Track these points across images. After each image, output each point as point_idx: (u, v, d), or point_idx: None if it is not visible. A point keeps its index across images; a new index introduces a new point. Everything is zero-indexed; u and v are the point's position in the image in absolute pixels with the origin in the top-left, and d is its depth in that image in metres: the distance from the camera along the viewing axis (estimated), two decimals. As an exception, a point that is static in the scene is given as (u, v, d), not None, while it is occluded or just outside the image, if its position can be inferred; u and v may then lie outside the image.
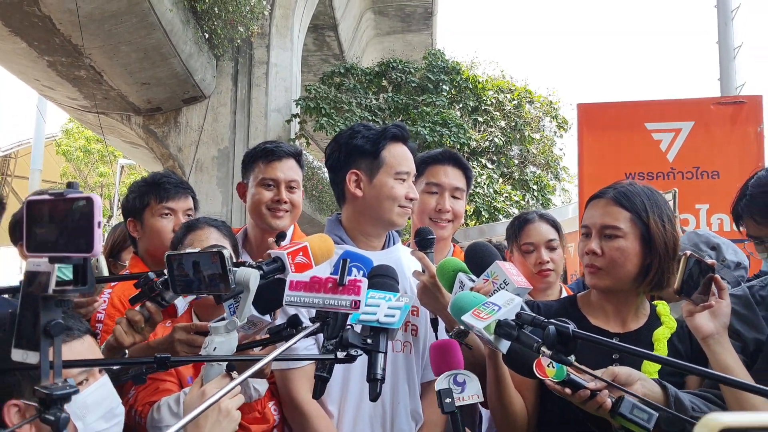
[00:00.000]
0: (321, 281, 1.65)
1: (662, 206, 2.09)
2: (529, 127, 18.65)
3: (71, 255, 1.17)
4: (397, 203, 2.38)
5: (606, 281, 2.07)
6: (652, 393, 1.80)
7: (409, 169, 2.43)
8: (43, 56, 12.16)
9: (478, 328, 1.56)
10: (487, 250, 2.13)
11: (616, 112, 4.71)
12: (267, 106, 15.98)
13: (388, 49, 23.14)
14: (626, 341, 2.03)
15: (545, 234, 3.12)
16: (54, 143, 28.02)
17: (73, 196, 1.17)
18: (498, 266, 2.00)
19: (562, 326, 1.47)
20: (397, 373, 2.37)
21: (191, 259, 1.52)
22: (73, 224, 1.16)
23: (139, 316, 1.95)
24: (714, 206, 4.34)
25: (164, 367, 1.49)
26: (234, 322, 1.61)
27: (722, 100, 4.54)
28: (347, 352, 1.55)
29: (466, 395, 1.79)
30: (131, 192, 3.02)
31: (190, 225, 2.54)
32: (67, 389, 1.18)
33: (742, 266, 2.76)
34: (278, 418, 2.38)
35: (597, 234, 2.07)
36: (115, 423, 1.63)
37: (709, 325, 1.88)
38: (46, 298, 1.18)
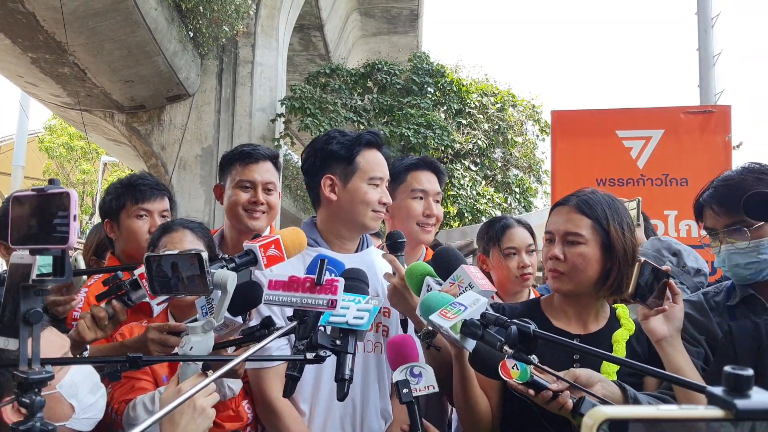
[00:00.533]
0: (299, 281, 1.69)
1: (622, 214, 2.18)
2: (512, 130, 18.76)
3: (50, 247, 1.25)
4: (370, 208, 2.45)
5: (568, 285, 2.16)
6: (611, 394, 1.87)
7: (382, 174, 2.50)
8: (27, 53, 12.08)
9: (445, 328, 1.63)
10: (453, 254, 2.20)
11: (588, 120, 4.80)
12: (252, 106, 15.93)
13: (374, 50, 23.17)
14: (587, 342, 2.11)
15: (526, 239, 3.24)
16: (37, 139, 27.81)
17: (53, 191, 1.25)
18: (463, 270, 2.07)
19: (524, 326, 1.54)
20: (368, 373, 2.44)
21: (170, 260, 1.56)
22: (52, 218, 1.24)
23: (104, 313, 2.00)
24: (682, 212, 4.44)
25: (136, 367, 1.53)
26: (211, 322, 1.66)
27: (692, 109, 4.62)
28: (316, 353, 1.60)
29: (422, 386, 1.86)
30: (108, 194, 3.06)
31: (165, 227, 2.59)
32: (43, 374, 1.25)
33: (702, 273, 2.86)
34: (251, 416, 2.43)
35: (560, 240, 2.16)
36: (100, 395, 1.76)
37: (663, 328, 1.97)
38: (26, 287, 1.26)
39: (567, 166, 4.66)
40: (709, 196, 2.30)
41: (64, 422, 1.65)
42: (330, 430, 2.37)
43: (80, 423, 1.71)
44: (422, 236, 2.92)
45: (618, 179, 4.55)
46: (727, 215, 2.23)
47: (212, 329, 1.67)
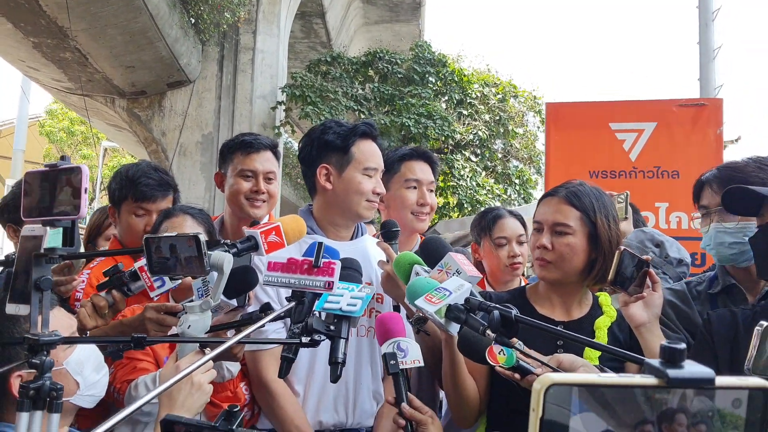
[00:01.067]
0: (297, 262, 1.75)
1: (608, 207, 2.25)
2: (512, 121, 18.75)
3: (61, 218, 1.34)
4: (364, 197, 2.52)
5: (554, 274, 2.23)
6: None
7: (376, 165, 2.56)
8: (29, 37, 12.09)
9: (430, 312, 1.68)
10: (439, 243, 2.27)
11: (583, 112, 4.83)
12: (252, 93, 15.90)
13: (376, 38, 23.09)
14: (570, 329, 2.20)
15: (516, 229, 3.31)
16: (37, 124, 27.79)
17: (65, 166, 1.35)
18: (451, 257, 2.12)
19: (506, 311, 1.58)
20: (361, 356, 2.52)
21: (168, 242, 1.60)
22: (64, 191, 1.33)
23: (104, 302, 2.07)
24: (673, 205, 4.48)
25: (140, 347, 1.57)
26: (208, 302, 1.72)
27: (684, 102, 4.65)
28: (311, 337, 1.64)
29: (408, 359, 1.92)
30: (114, 180, 3.10)
31: (166, 213, 2.67)
32: (52, 337, 1.33)
33: (684, 263, 2.92)
34: (249, 397, 2.50)
35: (548, 230, 2.23)
36: (104, 373, 1.85)
37: (642, 314, 2.05)
38: (38, 255, 1.35)
39: (561, 159, 4.70)
40: (712, 176, 2.41)
41: (69, 398, 1.73)
42: (323, 411, 2.45)
43: (83, 399, 1.79)
44: (416, 225, 2.98)
45: (610, 172, 4.58)
46: None
47: (209, 309, 1.73)
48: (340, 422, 2.47)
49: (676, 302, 2.39)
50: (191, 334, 1.69)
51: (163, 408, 1.69)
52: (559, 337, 2.16)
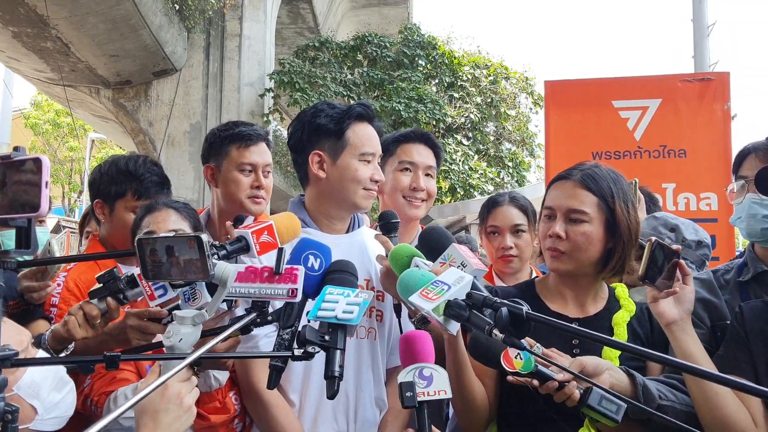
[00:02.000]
0: (256, 271, 1.62)
1: (627, 192, 2.05)
2: (504, 103, 18.63)
3: (15, 216, 1.19)
4: (361, 186, 2.30)
5: (568, 265, 2.03)
6: (619, 383, 1.78)
7: (374, 149, 2.34)
8: (8, 27, 11.86)
9: (426, 309, 1.48)
10: (441, 233, 2.09)
11: (583, 90, 4.64)
12: (240, 80, 15.77)
13: (364, 22, 22.87)
14: (586, 326, 2.00)
15: (511, 218, 3.06)
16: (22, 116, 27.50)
17: (20, 158, 1.19)
18: (455, 248, 1.95)
19: (515, 308, 1.39)
20: (361, 360, 2.30)
21: (165, 243, 1.46)
22: (20, 186, 1.18)
23: (97, 311, 1.88)
24: (680, 185, 4.31)
25: (114, 366, 1.45)
26: (203, 315, 1.55)
27: (690, 77, 4.48)
28: (305, 348, 1.52)
29: (431, 390, 1.65)
30: (106, 173, 2.82)
31: (149, 207, 2.45)
32: (6, 351, 1.20)
33: (704, 244, 2.74)
34: (239, 408, 2.32)
35: (562, 217, 2.02)
36: (68, 390, 1.64)
37: (673, 311, 1.85)
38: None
39: (561, 139, 4.51)
40: (760, 144, 2.21)
41: (26, 425, 1.52)
42: (322, 422, 2.23)
43: (46, 423, 1.58)
44: (408, 211, 2.77)
45: (614, 152, 4.40)
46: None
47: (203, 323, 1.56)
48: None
49: (702, 292, 2.20)
50: (181, 348, 1.51)
51: (146, 430, 1.49)
52: (575, 335, 1.97)
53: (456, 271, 1.61)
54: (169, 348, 1.52)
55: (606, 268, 2.04)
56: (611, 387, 1.73)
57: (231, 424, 2.37)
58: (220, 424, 2.32)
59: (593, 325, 2.02)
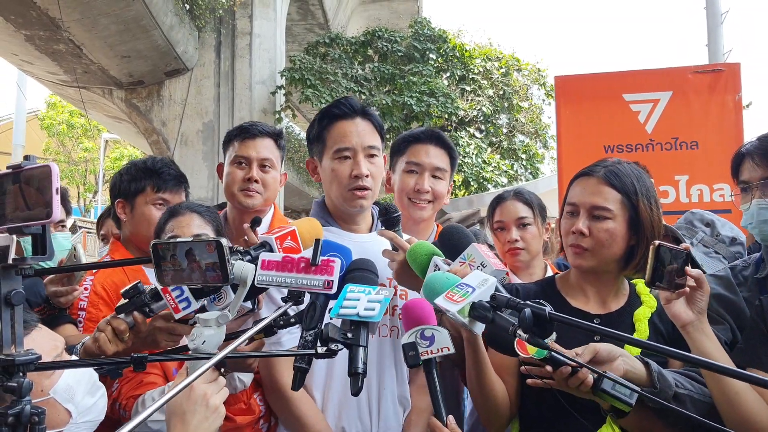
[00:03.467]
0: (293, 261, 1.63)
1: (650, 188, 2.05)
2: (517, 95, 18.52)
3: (30, 224, 1.22)
4: (343, 185, 2.29)
5: (591, 262, 2.03)
6: (634, 369, 1.78)
7: (350, 144, 2.30)
8: (21, 30, 11.94)
9: (452, 312, 1.51)
10: (461, 233, 2.07)
11: (594, 84, 4.63)
12: (251, 78, 15.79)
13: (374, 17, 22.84)
14: (607, 322, 2.01)
15: (515, 212, 3.07)
16: (36, 118, 27.70)
17: (31, 167, 1.22)
18: (475, 248, 1.94)
19: (538, 308, 1.43)
20: (383, 358, 2.32)
21: (185, 248, 1.46)
22: (32, 194, 1.21)
23: (125, 326, 1.90)
24: (693, 177, 4.30)
25: (141, 367, 1.47)
26: (226, 315, 1.57)
27: (700, 69, 4.45)
28: (327, 346, 1.53)
29: (434, 348, 1.70)
30: (125, 173, 2.90)
31: (172, 211, 2.47)
32: (29, 356, 1.22)
33: (738, 241, 2.74)
34: (263, 409, 2.37)
35: (585, 214, 2.02)
36: (100, 395, 1.68)
37: (688, 312, 1.85)
38: (5, 267, 1.23)
39: (573, 134, 4.49)
40: (753, 146, 2.20)
41: (61, 428, 1.56)
42: (345, 420, 2.25)
43: (79, 427, 1.61)
44: (413, 212, 2.72)
45: (626, 145, 4.38)
46: (766, 168, 2.12)
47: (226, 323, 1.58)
48: (364, 430, 2.28)
49: (719, 290, 2.19)
50: (205, 350, 1.54)
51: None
52: (597, 332, 1.97)
53: (480, 274, 1.64)
54: (194, 350, 1.54)
55: (628, 265, 2.04)
56: (625, 373, 1.74)
57: (256, 424, 2.40)
58: (245, 425, 2.35)
59: (615, 322, 2.02)
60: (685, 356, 1.35)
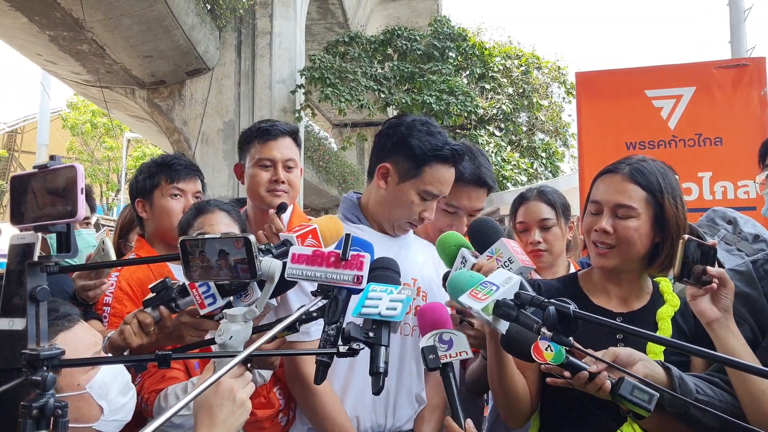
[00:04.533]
0: (323, 255, 1.63)
1: (675, 186, 2.00)
2: (537, 93, 18.44)
3: (56, 222, 1.25)
4: (407, 217, 2.32)
5: (614, 261, 2.00)
6: (654, 374, 1.75)
7: (439, 192, 2.32)
8: (45, 31, 12.09)
9: (476, 309, 1.52)
10: (492, 226, 2.06)
11: (615, 80, 4.57)
12: (271, 77, 15.87)
13: (393, 16, 22.84)
14: (630, 321, 1.99)
15: (538, 213, 3.00)
16: (60, 117, 28.02)
17: (56, 167, 1.25)
18: (503, 243, 1.93)
19: (563, 306, 1.43)
20: (404, 356, 2.33)
21: (214, 244, 1.48)
22: (57, 193, 1.24)
23: (150, 319, 1.92)
24: (717, 174, 4.23)
25: (165, 365, 1.48)
26: (253, 311, 1.58)
27: (724, 64, 4.38)
28: (349, 345, 1.54)
29: (453, 352, 1.72)
30: (141, 173, 2.97)
31: (200, 208, 2.49)
32: (53, 350, 1.24)
33: (761, 239, 2.70)
34: (283, 402, 2.38)
35: (609, 212, 1.99)
36: (131, 396, 1.72)
37: (714, 309, 1.82)
38: (31, 264, 1.25)
39: (594, 131, 4.44)
40: None
41: (90, 424, 1.59)
42: (361, 413, 2.27)
43: (108, 425, 1.64)
44: None
45: (648, 142, 4.32)
46: None
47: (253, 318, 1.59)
48: (377, 424, 2.30)
49: (740, 287, 2.14)
50: (232, 345, 1.54)
51: (203, 427, 1.53)
52: (619, 330, 1.96)
53: (504, 272, 1.63)
54: (221, 345, 1.54)
55: (653, 263, 2.01)
56: (645, 377, 1.70)
57: (275, 418, 2.42)
58: (265, 419, 2.37)
59: (638, 320, 2.00)
60: (710, 354, 1.34)
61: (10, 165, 29.21)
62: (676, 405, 1.74)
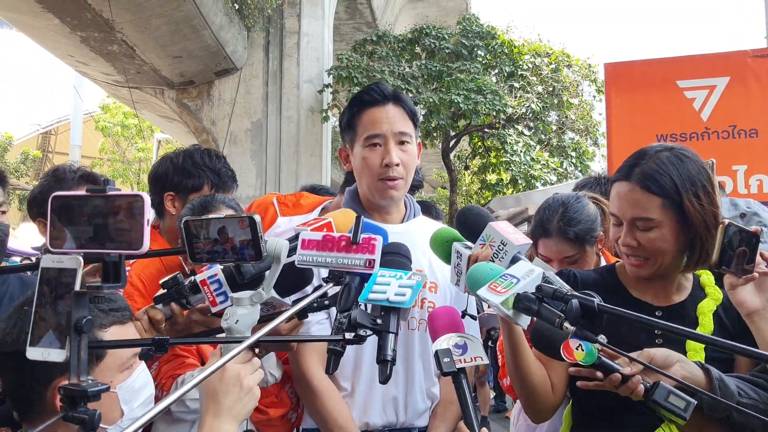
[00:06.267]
0: (334, 239, 1.59)
1: (695, 177, 1.84)
2: (567, 91, 18.17)
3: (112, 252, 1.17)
4: (373, 174, 2.21)
5: (648, 271, 1.91)
6: (692, 376, 1.66)
7: (379, 131, 2.21)
8: (76, 32, 12.28)
9: (495, 303, 1.45)
10: (476, 213, 1.97)
11: (645, 71, 4.43)
12: (299, 77, 15.93)
13: (422, 15, 22.77)
14: (670, 315, 1.90)
15: (561, 252, 2.68)
16: (92, 119, 28.47)
17: (117, 193, 1.17)
18: (492, 228, 1.83)
19: (587, 300, 1.35)
20: (412, 351, 2.27)
21: (217, 225, 1.45)
22: (117, 222, 1.16)
23: (161, 315, 1.90)
24: (752, 167, 4.10)
25: (163, 350, 1.45)
26: (260, 294, 1.54)
27: (760, 52, 4.22)
28: (356, 332, 1.48)
29: (467, 357, 1.64)
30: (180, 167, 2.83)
31: (204, 204, 2.47)
32: (99, 386, 1.18)
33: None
34: (294, 400, 2.36)
35: (629, 225, 1.88)
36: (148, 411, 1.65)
37: (754, 299, 1.73)
38: (78, 294, 1.16)
39: (624, 123, 4.32)
40: None
41: (108, 426, 1.53)
42: (372, 412, 2.21)
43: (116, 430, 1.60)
44: None
45: (680, 134, 4.20)
46: None
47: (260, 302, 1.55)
48: (389, 422, 2.24)
49: None
50: (239, 330, 1.51)
51: (209, 414, 1.49)
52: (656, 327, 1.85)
53: (527, 264, 1.56)
54: (227, 330, 1.51)
55: (690, 262, 1.90)
56: (683, 379, 1.59)
57: (286, 415, 2.39)
58: (277, 417, 2.34)
59: (678, 314, 1.91)
60: (751, 352, 1.26)
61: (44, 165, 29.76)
62: (716, 409, 1.65)
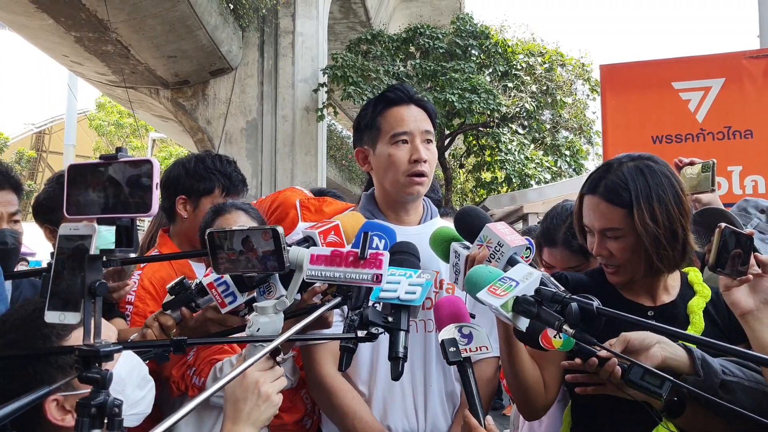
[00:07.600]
0: (342, 255, 1.60)
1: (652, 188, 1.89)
2: (560, 90, 18.24)
3: (123, 216, 1.19)
4: (400, 171, 2.21)
5: (622, 277, 1.97)
6: (674, 356, 1.69)
7: (407, 128, 2.23)
8: (70, 32, 12.26)
9: (495, 306, 1.47)
10: (475, 214, 1.99)
11: (641, 72, 4.45)
12: (294, 76, 15.94)
13: (415, 14, 22.77)
14: (662, 314, 1.94)
15: (565, 261, 2.76)
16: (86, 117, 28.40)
17: (128, 159, 1.19)
18: (489, 229, 1.86)
19: (585, 303, 1.38)
20: (430, 354, 2.23)
21: (241, 236, 1.48)
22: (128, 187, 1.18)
23: (171, 321, 1.92)
24: (747, 167, 4.11)
25: (181, 351, 1.48)
26: (284, 302, 1.55)
27: (755, 54, 4.25)
28: (368, 330, 1.51)
29: (473, 346, 1.68)
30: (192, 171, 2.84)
31: (217, 210, 2.48)
32: (111, 347, 1.20)
33: None
34: (309, 406, 2.37)
35: (599, 237, 1.95)
36: (149, 389, 1.68)
37: (748, 300, 1.75)
38: (92, 258, 1.20)
39: (619, 124, 4.35)
40: None
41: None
42: (391, 417, 2.17)
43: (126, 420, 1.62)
44: None
45: (675, 135, 4.22)
46: None
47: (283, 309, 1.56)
48: (410, 428, 2.19)
49: None
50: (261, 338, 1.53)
51: (228, 419, 1.51)
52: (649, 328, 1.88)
53: (525, 267, 1.59)
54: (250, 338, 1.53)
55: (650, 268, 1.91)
56: (664, 361, 1.65)
57: (301, 422, 2.40)
58: (292, 423, 2.35)
59: (670, 314, 1.94)
60: (743, 352, 1.29)
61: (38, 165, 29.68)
62: (704, 387, 1.65)
